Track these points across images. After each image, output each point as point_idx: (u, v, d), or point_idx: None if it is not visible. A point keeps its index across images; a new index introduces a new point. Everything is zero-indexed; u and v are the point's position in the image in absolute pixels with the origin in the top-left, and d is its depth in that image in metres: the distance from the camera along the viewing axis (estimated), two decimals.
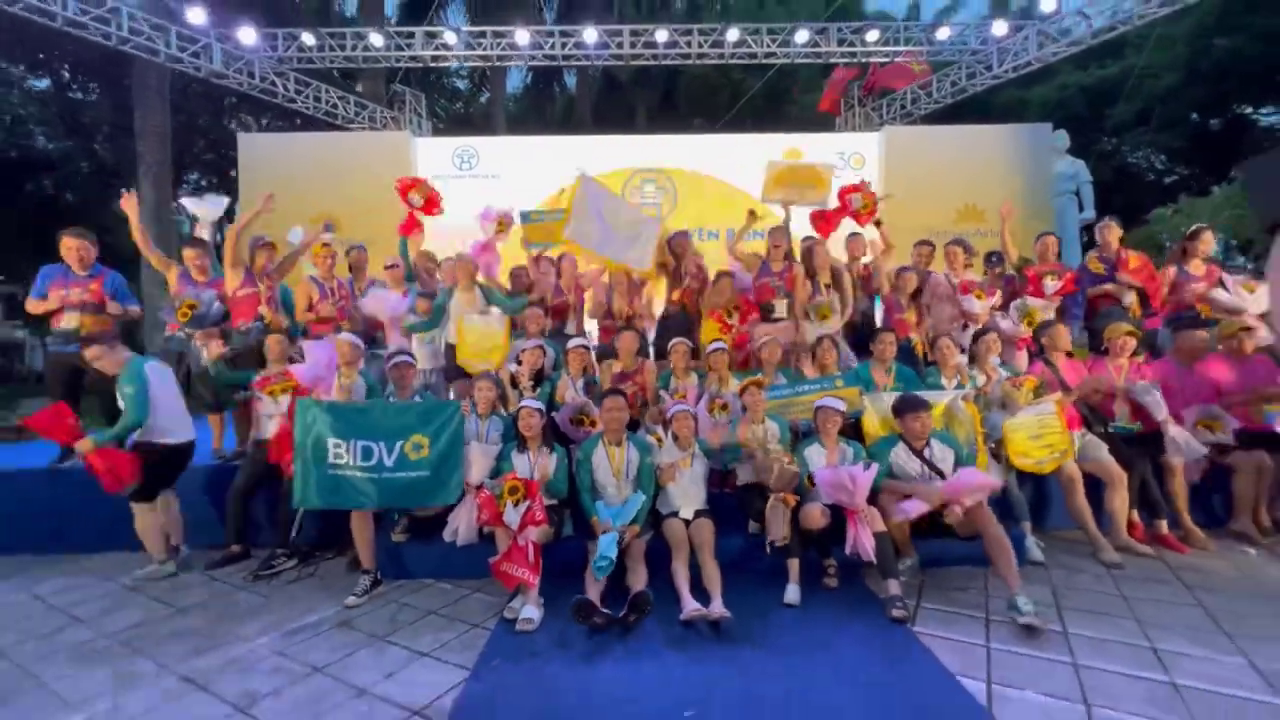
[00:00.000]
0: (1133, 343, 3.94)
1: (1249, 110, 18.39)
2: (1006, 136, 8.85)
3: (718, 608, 2.84)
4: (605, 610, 2.84)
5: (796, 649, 2.62)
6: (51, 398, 4.02)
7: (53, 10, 6.57)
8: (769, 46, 8.48)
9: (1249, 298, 4.20)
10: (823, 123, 11.06)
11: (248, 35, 7.92)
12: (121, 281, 4.30)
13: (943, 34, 8.40)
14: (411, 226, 5.08)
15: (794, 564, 3.22)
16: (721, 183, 8.78)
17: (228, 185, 22.71)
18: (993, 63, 8.42)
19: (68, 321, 3.94)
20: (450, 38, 8.31)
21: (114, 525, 3.73)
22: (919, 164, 8.62)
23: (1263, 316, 4.11)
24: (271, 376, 3.77)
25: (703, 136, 9.61)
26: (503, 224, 5.13)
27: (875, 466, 3.20)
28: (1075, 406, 3.80)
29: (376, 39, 8.24)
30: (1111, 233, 4.68)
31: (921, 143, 8.81)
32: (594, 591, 2.94)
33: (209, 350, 4.03)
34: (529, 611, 2.89)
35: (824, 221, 4.91)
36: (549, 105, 19.19)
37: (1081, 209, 10.74)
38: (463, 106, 22.90)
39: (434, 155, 8.80)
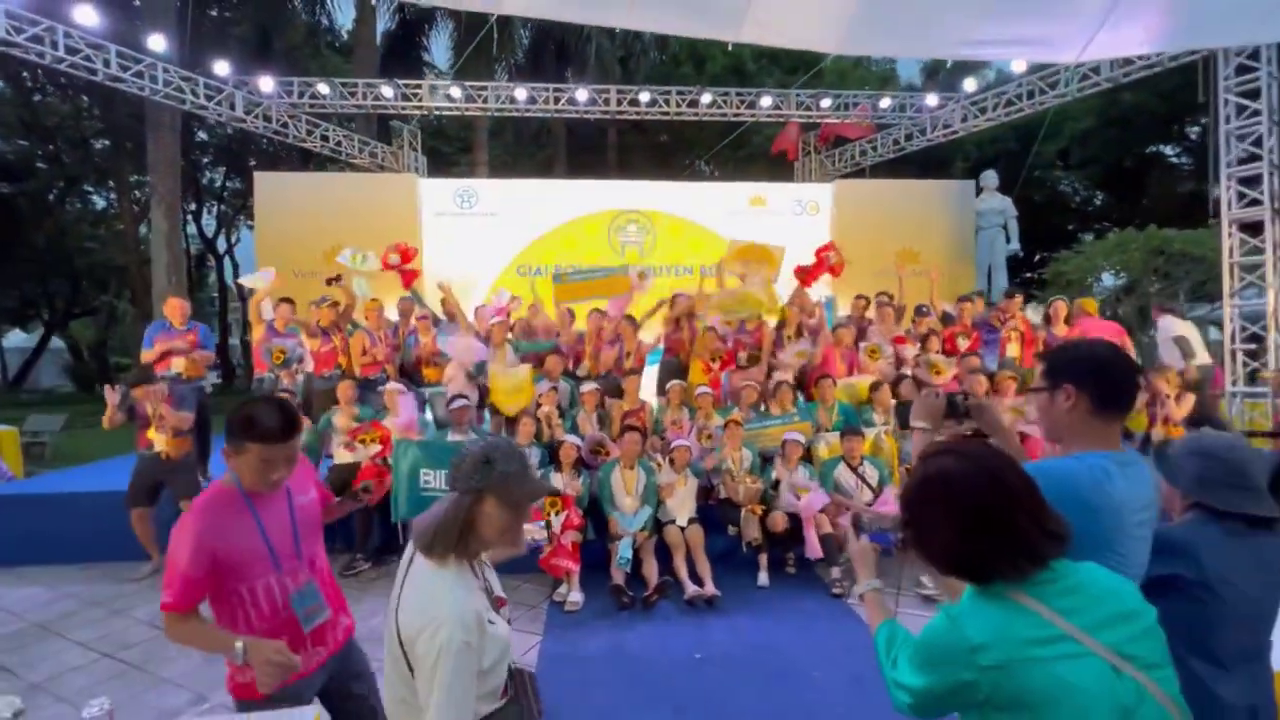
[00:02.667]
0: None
1: (1156, 149, 20.77)
2: (937, 190, 10.30)
3: (710, 588, 3.96)
4: (630, 593, 3.93)
5: (769, 615, 3.77)
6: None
7: (95, 67, 7.23)
8: (738, 108, 9.71)
9: None
10: (783, 169, 12.39)
11: (266, 84, 8.65)
12: (207, 332, 5.14)
13: (885, 103, 9.79)
14: (409, 278, 6.14)
15: (763, 558, 4.37)
16: (695, 225, 9.92)
17: (196, 191, 22.68)
18: (926, 127, 9.85)
19: (175, 366, 4.76)
20: (455, 91, 9.22)
21: None
22: (864, 211, 9.97)
23: None
24: (361, 428, 4.69)
25: (679, 184, 10.76)
26: (514, 300, 6.22)
27: (820, 495, 4.38)
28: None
29: (387, 90, 9.09)
30: (1015, 303, 5.98)
31: (866, 193, 10.18)
32: (619, 577, 4.02)
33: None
34: (575, 595, 3.95)
35: (807, 274, 6.18)
36: (525, 127, 20.09)
37: (1009, 241, 12.40)
38: (437, 119, 23.50)
39: (437, 194, 9.65)
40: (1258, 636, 1.52)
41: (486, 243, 9.60)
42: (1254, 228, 6.62)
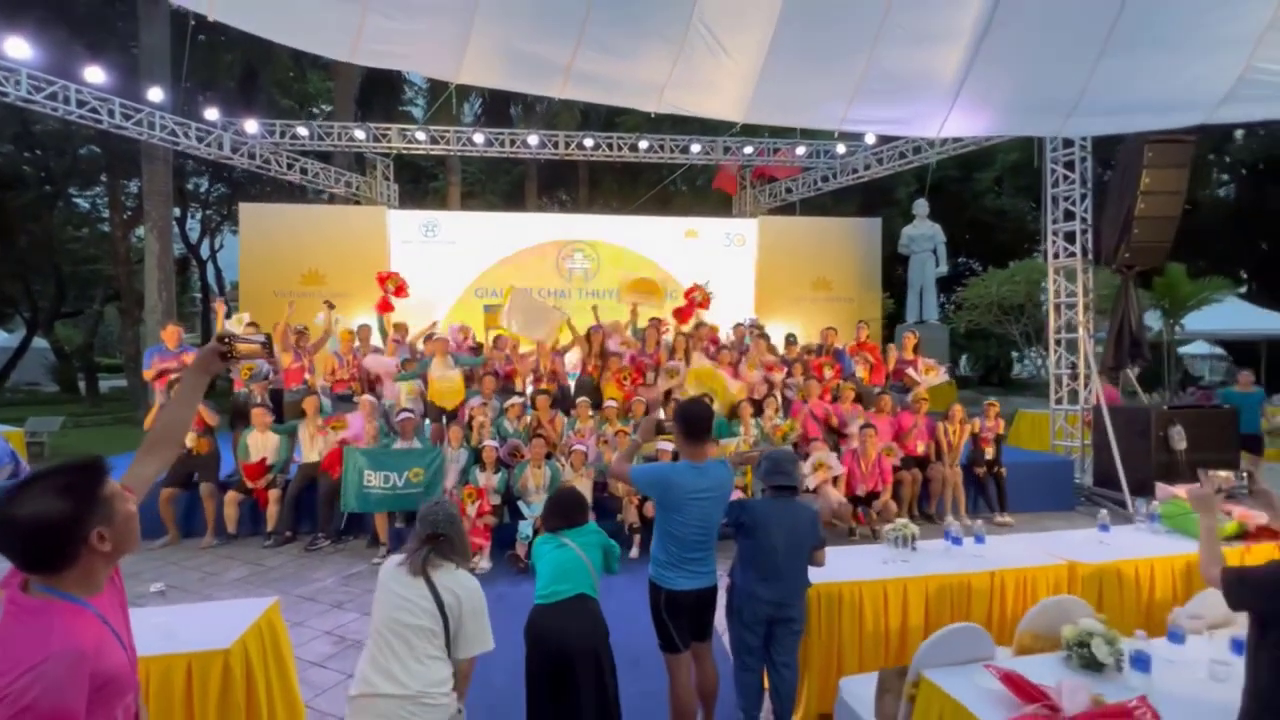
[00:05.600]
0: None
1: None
2: (848, 227, 11.73)
3: None
4: (525, 560, 5.20)
5: (630, 576, 4.98)
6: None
7: (101, 118, 8.35)
8: (672, 152, 11.05)
9: (926, 377, 6.94)
10: (719, 201, 13.77)
11: (251, 126, 9.80)
12: None
13: (800, 150, 11.19)
14: (386, 307, 7.34)
15: (637, 537, 5.65)
16: (635, 254, 11.20)
17: (181, 197, 23.45)
18: (837, 172, 11.27)
19: (171, 385, 5.92)
20: (421, 135, 10.44)
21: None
22: (785, 245, 11.35)
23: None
24: (332, 419, 5.94)
25: (621, 217, 12.06)
26: (465, 332, 7.49)
27: None
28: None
29: (359, 133, 10.28)
30: (863, 330, 7.34)
31: (787, 229, 11.56)
32: (521, 550, 5.29)
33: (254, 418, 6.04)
34: (484, 563, 5.20)
35: (681, 314, 7.49)
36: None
37: (938, 265, 13.82)
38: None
39: (404, 224, 10.83)
40: (785, 561, 2.81)
41: (448, 268, 10.81)
42: (1073, 274, 8.06)
